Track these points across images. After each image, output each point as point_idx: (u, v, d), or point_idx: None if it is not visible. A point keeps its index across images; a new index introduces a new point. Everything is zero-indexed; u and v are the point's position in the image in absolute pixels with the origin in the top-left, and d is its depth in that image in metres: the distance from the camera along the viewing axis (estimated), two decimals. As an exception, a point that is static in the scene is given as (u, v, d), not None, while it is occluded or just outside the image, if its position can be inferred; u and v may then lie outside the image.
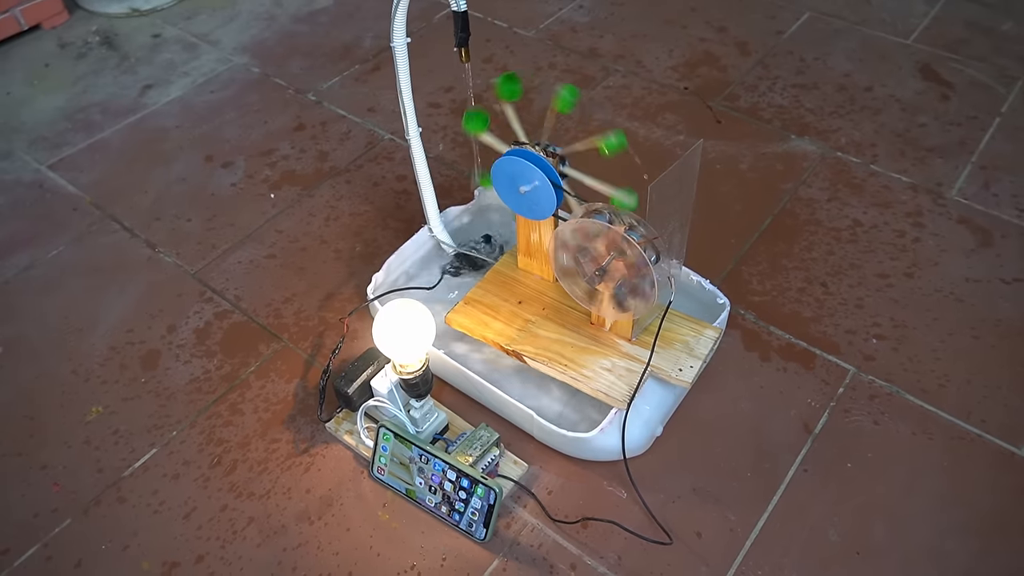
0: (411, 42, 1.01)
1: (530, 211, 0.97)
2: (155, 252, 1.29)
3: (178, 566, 0.93)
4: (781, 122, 1.48)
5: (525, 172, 0.92)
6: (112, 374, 1.12)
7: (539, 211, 0.96)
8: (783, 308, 1.17)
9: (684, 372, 0.95)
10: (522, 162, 0.92)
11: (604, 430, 0.93)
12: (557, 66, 1.64)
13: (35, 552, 0.94)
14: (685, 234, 0.98)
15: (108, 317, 1.20)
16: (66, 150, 1.49)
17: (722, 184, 1.37)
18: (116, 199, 1.39)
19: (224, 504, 0.98)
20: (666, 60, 1.64)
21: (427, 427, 0.99)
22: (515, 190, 0.96)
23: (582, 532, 0.94)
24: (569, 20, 1.77)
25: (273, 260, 1.27)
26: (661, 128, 1.48)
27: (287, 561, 0.93)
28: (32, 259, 1.29)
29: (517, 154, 0.93)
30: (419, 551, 0.93)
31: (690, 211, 0.96)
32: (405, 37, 1.01)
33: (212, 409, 1.07)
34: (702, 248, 1.25)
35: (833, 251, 1.25)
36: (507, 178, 0.95)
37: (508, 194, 0.97)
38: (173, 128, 1.53)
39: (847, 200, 1.33)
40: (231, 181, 1.41)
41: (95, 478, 1.01)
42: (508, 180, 0.95)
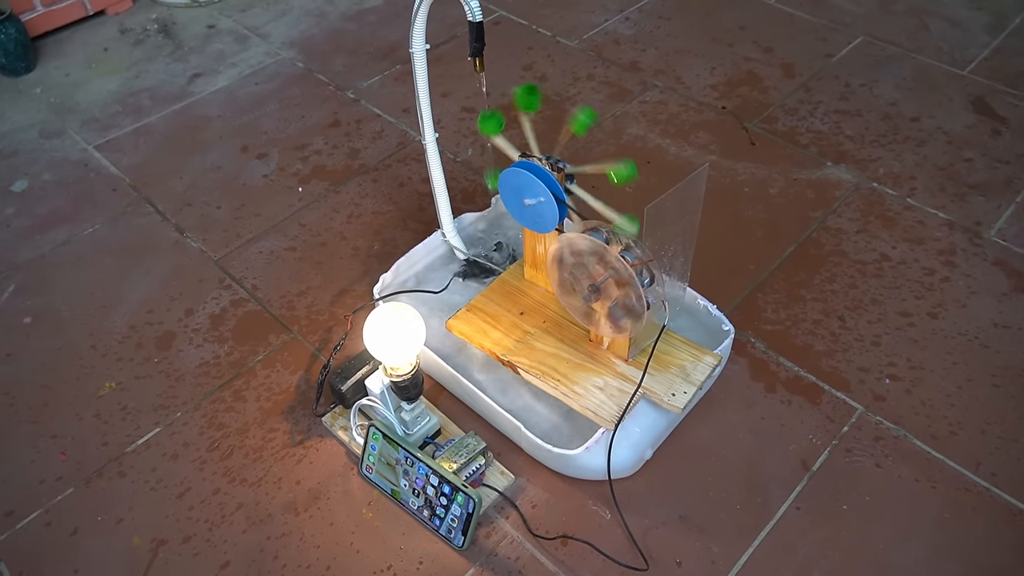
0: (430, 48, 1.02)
1: (534, 224, 0.97)
2: (183, 236, 1.34)
3: (166, 544, 0.95)
4: (818, 148, 1.45)
5: (530, 185, 0.92)
6: (128, 352, 1.16)
7: (542, 225, 0.95)
8: (795, 339, 1.14)
9: (677, 397, 0.94)
10: (527, 175, 0.92)
11: (590, 449, 0.92)
12: (596, 77, 1.63)
13: (36, 517, 0.99)
14: (689, 258, 0.97)
15: (131, 296, 1.24)
16: (113, 132, 1.55)
17: (748, 208, 1.34)
18: (153, 183, 1.44)
19: (217, 488, 1.00)
20: (707, 78, 1.62)
21: (418, 430, 1.00)
22: (520, 201, 0.96)
23: (561, 549, 0.93)
24: (614, 32, 1.76)
25: (293, 253, 1.30)
26: (693, 147, 1.46)
27: (269, 549, 0.95)
28: (69, 235, 1.35)
29: (524, 166, 0.93)
30: (398, 552, 0.94)
31: (694, 235, 0.94)
32: (424, 43, 1.02)
33: (217, 394, 1.11)
34: (718, 271, 1.23)
35: (856, 284, 1.21)
36: (513, 189, 0.95)
37: (513, 205, 0.97)
38: (215, 117, 1.58)
39: (877, 233, 1.29)
40: (263, 172, 1.45)
41: (100, 451, 1.05)
42: (514, 191, 0.95)
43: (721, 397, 1.08)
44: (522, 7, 1.84)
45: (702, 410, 1.06)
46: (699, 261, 1.24)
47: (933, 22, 1.74)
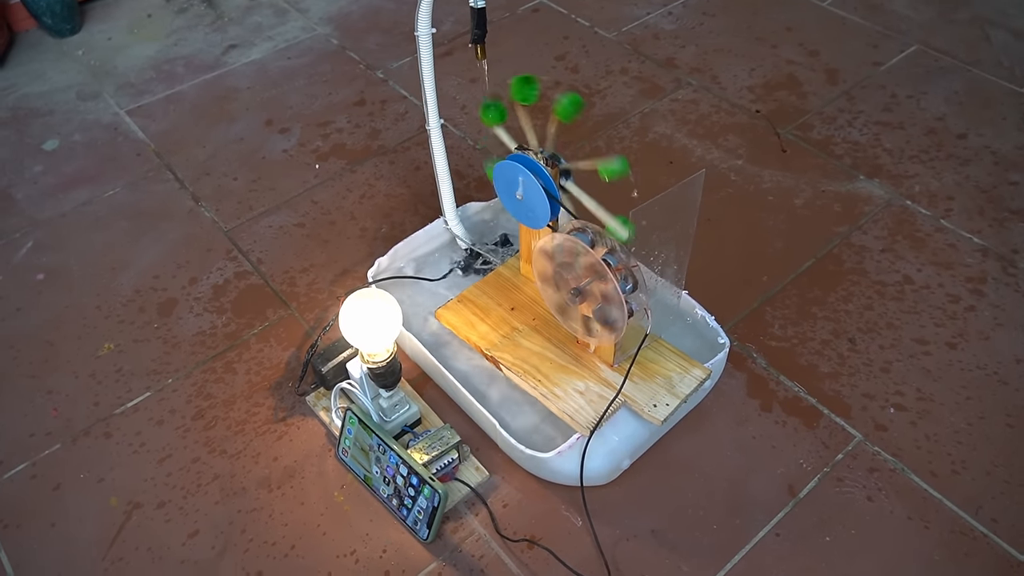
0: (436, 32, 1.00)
1: (526, 218, 0.95)
2: (197, 205, 1.35)
3: (141, 507, 0.97)
4: (852, 160, 1.38)
5: (519, 178, 0.90)
6: (131, 315, 1.18)
7: (534, 220, 0.93)
8: (800, 358, 1.10)
9: (658, 409, 0.91)
10: (518, 167, 0.90)
11: (562, 453, 0.90)
12: (629, 72, 1.59)
13: (23, 469, 1.01)
14: (684, 265, 0.93)
15: (141, 261, 1.26)
16: (146, 98, 1.58)
17: (770, 217, 1.29)
18: (176, 150, 1.46)
19: (196, 456, 1.02)
20: (744, 79, 1.56)
21: (396, 417, 0.99)
22: (514, 194, 0.93)
23: (526, 552, 0.92)
24: (654, 26, 1.71)
25: (301, 229, 1.30)
26: (720, 150, 1.41)
27: (238, 522, 0.95)
28: (91, 196, 1.38)
29: (518, 159, 0.91)
30: (363, 538, 0.93)
31: (689, 242, 0.91)
32: (430, 27, 1.00)
33: (209, 364, 1.12)
34: (728, 281, 1.19)
35: (872, 306, 1.15)
36: (506, 182, 0.93)
37: (507, 197, 0.95)
38: (244, 89, 1.59)
39: (903, 253, 1.22)
40: (283, 147, 1.45)
41: (90, 411, 1.07)
42: (507, 184, 0.93)
43: (713, 411, 1.04)
44: (564, -5, 1.81)
45: (691, 422, 1.02)
46: (710, 268, 1.20)
47: (996, 34, 1.65)
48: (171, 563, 0.92)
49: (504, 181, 0.94)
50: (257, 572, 0.91)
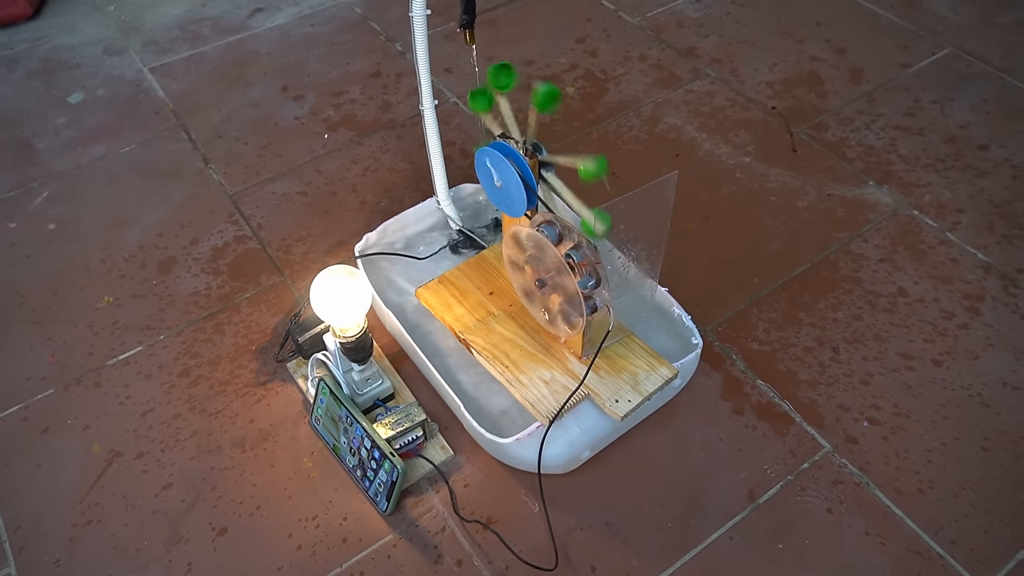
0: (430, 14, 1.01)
1: (505, 206, 0.95)
2: (207, 167, 1.38)
3: (121, 456, 1.01)
4: (864, 164, 1.35)
5: (497, 165, 0.90)
6: (132, 271, 1.23)
7: (512, 208, 0.94)
8: (780, 364, 1.09)
9: (620, 404, 0.91)
10: (497, 155, 0.90)
11: (521, 440, 0.91)
12: (647, 59, 1.57)
13: (15, 411, 1.06)
14: (657, 264, 0.93)
15: (147, 218, 1.30)
16: (169, 57, 1.61)
17: (770, 218, 1.27)
18: (192, 111, 1.49)
19: (178, 412, 1.06)
20: (765, 73, 1.53)
21: (367, 391, 1.01)
22: (493, 182, 0.94)
23: (481, 532, 0.94)
24: (680, 13, 1.68)
25: (303, 198, 1.33)
26: (729, 145, 1.39)
27: (210, 479, 0.99)
28: (107, 151, 1.42)
29: (497, 147, 0.91)
30: (326, 505, 0.97)
31: (662, 242, 0.90)
32: (425, 8, 1.00)
33: (200, 324, 1.15)
34: (718, 279, 1.18)
35: (861, 316, 1.14)
36: (486, 168, 0.94)
37: (488, 184, 0.96)
38: (265, 54, 1.61)
39: (902, 264, 1.20)
40: (296, 114, 1.47)
41: (84, 360, 1.12)
42: (487, 171, 0.94)
43: (684, 409, 1.04)
44: (592, -24, 1.78)
45: (660, 419, 1.03)
46: (701, 266, 1.20)
47: (1036, 41, 1.58)
48: (143, 512, 0.96)
49: (485, 168, 0.94)
50: (222, 528, 0.95)
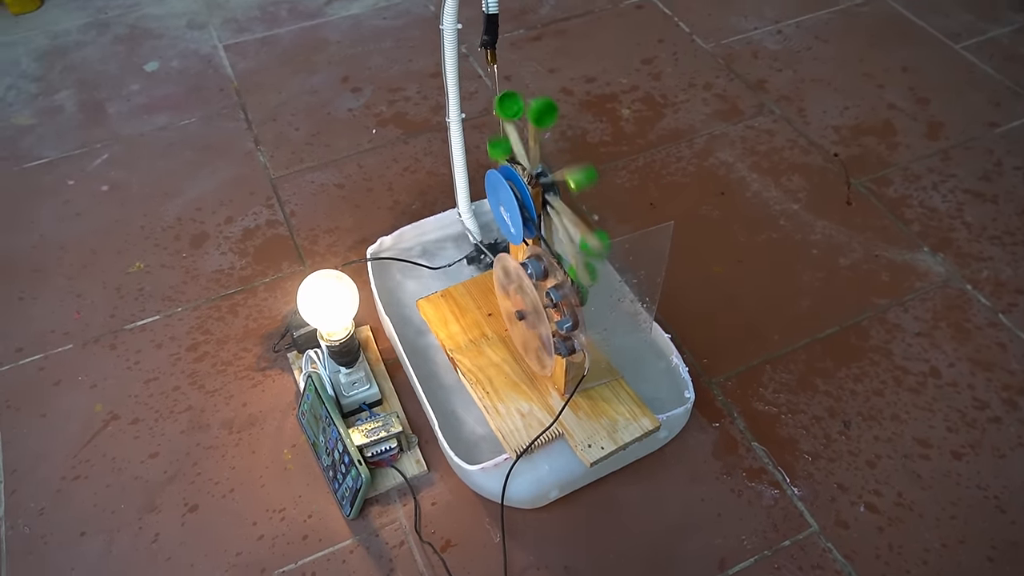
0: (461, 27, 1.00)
1: (507, 232, 0.93)
2: (256, 148, 1.42)
3: (118, 419, 1.06)
4: (922, 227, 1.26)
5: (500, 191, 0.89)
6: (166, 241, 1.27)
7: (512, 235, 0.92)
8: (782, 429, 1.03)
9: (591, 450, 0.89)
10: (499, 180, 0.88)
11: (486, 470, 0.90)
12: (712, 88, 1.51)
13: (35, 360, 1.13)
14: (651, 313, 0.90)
15: (190, 191, 1.35)
16: (244, 36, 1.66)
17: (807, 272, 1.21)
18: (254, 91, 1.53)
19: (178, 385, 1.09)
20: (834, 116, 1.45)
21: (353, 394, 1.02)
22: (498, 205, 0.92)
23: (434, 555, 0.93)
24: (757, 43, 1.61)
25: (339, 190, 1.34)
26: (780, 189, 1.33)
27: (194, 455, 1.02)
28: (168, 122, 1.48)
29: (504, 171, 0.90)
30: (295, 499, 0.98)
31: (656, 292, 0.87)
32: (456, 22, 0.99)
33: (218, 302, 1.19)
34: (737, 330, 1.13)
35: (883, 392, 1.06)
36: (493, 191, 0.92)
37: (494, 207, 0.94)
38: (334, 42, 1.64)
39: (940, 342, 1.11)
40: (350, 106, 1.50)
41: (106, 321, 1.17)
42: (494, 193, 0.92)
43: (670, 462, 1.00)
44: (674, -5, 1.73)
45: (644, 468, 0.99)
46: (722, 313, 1.15)
47: None
48: (126, 476, 1.00)
49: (492, 190, 0.93)
50: (194, 505, 0.98)
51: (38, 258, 1.25)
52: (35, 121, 1.49)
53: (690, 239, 1.25)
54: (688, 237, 1.25)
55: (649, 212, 1.29)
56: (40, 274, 1.23)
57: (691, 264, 1.22)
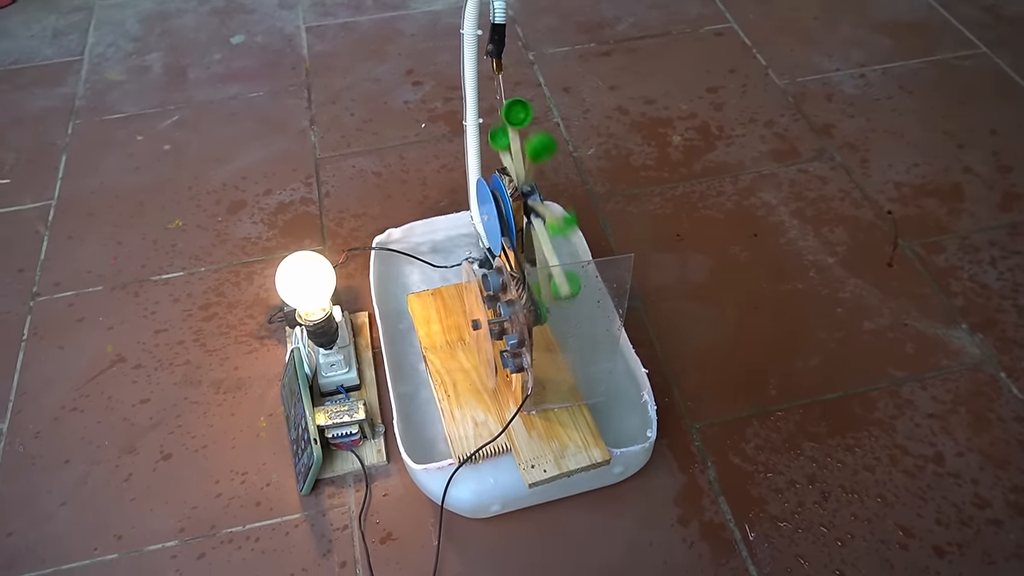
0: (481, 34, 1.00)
1: (489, 237, 0.94)
2: (309, 127, 1.48)
3: (123, 362, 1.13)
4: (965, 303, 1.17)
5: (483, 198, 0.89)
6: (207, 204, 1.35)
7: (492, 242, 0.92)
8: (753, 488, 0.98)
9: (534, 471, 0.87)
10: (484, 188, 0.89)
11: (428, 470, 0.90)
12: (773, 126, 1.45)
13: (67, 296, 1.22)
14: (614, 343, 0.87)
15: (241, 160, 1.42)
16: (327, 20, 1.73)
17: (824, 330, 1.14)
18: (322, 73, 1.59)
19: (182, 340, 1.16)
20: (899, 172, 1.36)
21: (331, 376, 1.05)
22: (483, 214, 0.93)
23: (373, 544, 0.94)
24: (834, 85, 1.53)
25: (377, 178, 1.38)
26: (818, 239, 1.26)
27: (179, 407, 1.08)
28: (238, 92, 1.56)
29: (494, 180, 0.90)
30: (258, 466, 1.02)
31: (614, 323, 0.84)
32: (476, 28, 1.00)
33: (237, 267, 1.25)
34: (733, 377, 1.09)
35: (874, 469, 1.00)
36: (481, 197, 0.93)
37: (481, 214, 0.94)
38: (408, 35, 1.68)
39: (953, 428, 1.03)
40: (407, 99, 1.53)
41: (136, 271, 1.25)
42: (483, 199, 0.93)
43: (628, 500, 0.97)
44: (759, 26, 1.67)
45: (598, 499, 0.97)
46: (722, 357, 1.11)
47: None
48: (116, 417, 1.07)
49: (480, 199, 0.93)
50: (168, 454, 1.03)
51: (94, 203, 1.35)
52: (124, 78, 1.61)
53: (709, 276, 1.21)
54: (707, 274, 1.21)
55: (674, 243, 1.26)
56: (92, 218, 1.33)
57: (703, 301, 1.18)
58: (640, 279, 1.20)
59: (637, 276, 1.21)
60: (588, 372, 0.92)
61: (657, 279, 1.21)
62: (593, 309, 0.85)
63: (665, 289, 1.19)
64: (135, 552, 0.94)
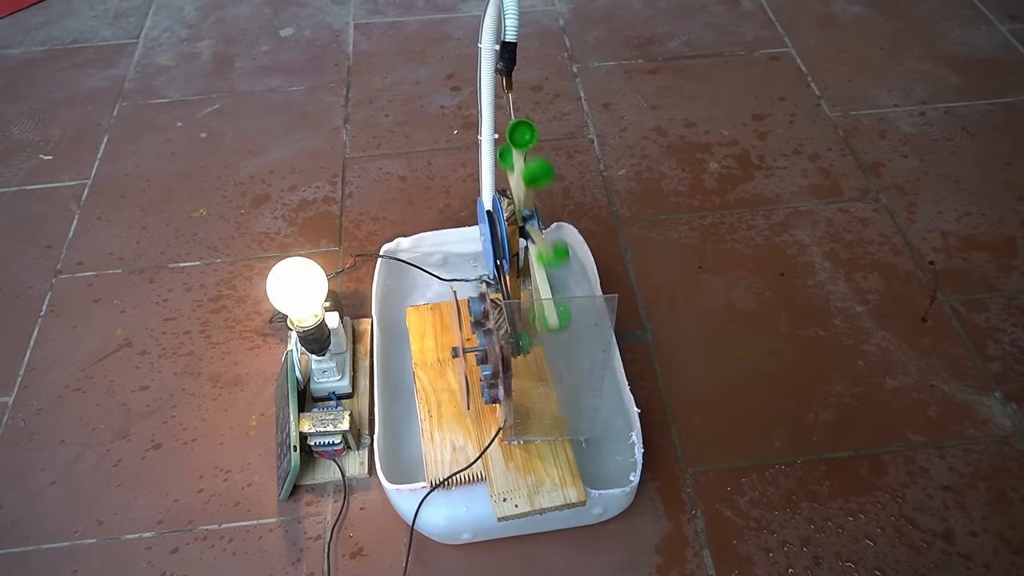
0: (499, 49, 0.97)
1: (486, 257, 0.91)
2: (343, 125, 1.48)
3: (129, 347, 1.15)
4: (1002, 368, 1.09)
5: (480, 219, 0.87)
6: (234, 196, 1.36)
7: (488, 264, 0.89)
8: (742, 545, 0.93)
9: (505, 504, 0.85)
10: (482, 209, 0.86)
11: (401, 491, 0.88)
12: (818, 160, 1.38)
13: (87, 276, 1.24)
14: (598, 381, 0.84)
15: (271, 154, 1.43)
16: (376, 18, 1.73)
17: (842, 383, 1.08)
18: (363, 72, 1.59)
19: (189, 330, 1.17)
20: (947, 221, 1.28)
21: (323, 382, 1.04)
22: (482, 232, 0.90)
23: (343, 558, 0.93)
24: (890, 122, 1.45)
25: (401, 182, 1.37)
26: (849, 285, 1.19)
27: (175, 398, 1.09)
28: (279, 85, 1.57)
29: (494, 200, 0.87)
30: (243, 465, 1.02)
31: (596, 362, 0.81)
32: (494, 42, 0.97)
33: (251, 262, 1.25)
34: (737, 424, 1.04)
35: (876, 539, 0.93)
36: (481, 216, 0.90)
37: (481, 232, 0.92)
38: (455, 39, 1.67)
39: (970, 506, 0.96)
40: (443, 103, 1.52)
41: (155, 258, 1.27)
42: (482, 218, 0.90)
43: (608, 542, 0.94)
44: (819, 53, 1.60)
45: (576, 538, 0.94)
46: (728, 401, 1.06)
47: None
48: (115, 401, 1.09)
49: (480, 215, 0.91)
50: (158, 443, 1.04)
51: (126, 186, 1.38)
52: (173, 63, 1.64)
53: (726, 314, 1.15)
54: (724, 311, 1.16)
55: (693, 275, 1.21)
56: (122, 201, 1.36)
57: (716, 340, 1.12)
58: (652, 310, 1.16)
59: (648, 307, 1.16)
60: (575, 408, 0.89)
61: (670, 312, 1.16)
62: (582, 344, 0.82)
63: (677, 323, 1.15)
64: (112, 540, 0.96)
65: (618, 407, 0.98)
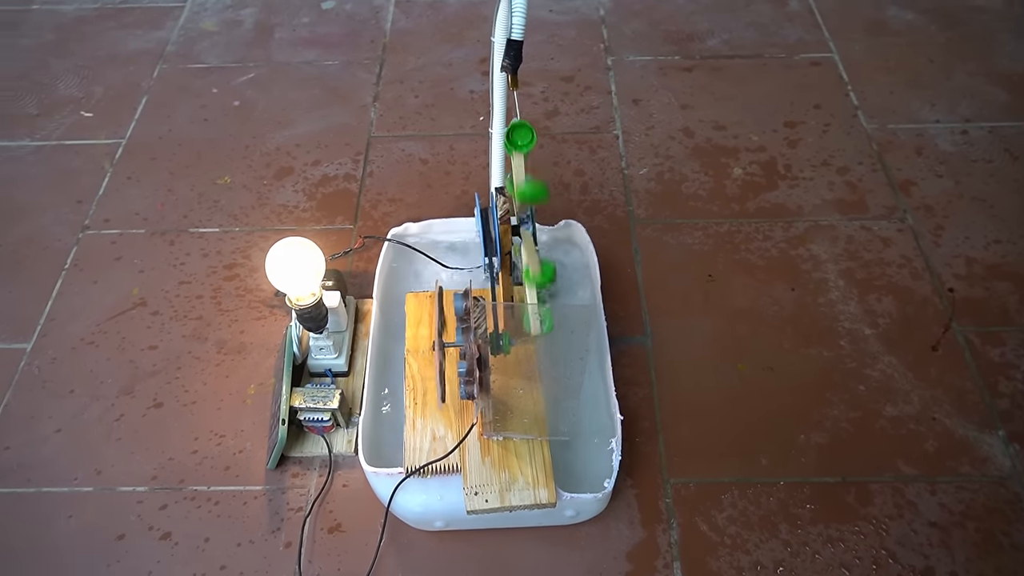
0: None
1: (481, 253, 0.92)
2: (372, 104, 1.49)
3: (144, 307, 1.19)
4: (1010, 406, 1.05)
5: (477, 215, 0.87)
6: (259, 166, 1.39)
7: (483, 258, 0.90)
8: (714, 561, 0.93)
9: (476, 498, 0.86)
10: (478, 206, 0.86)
11: (378, 475, 0.90)
12: (847, 173, 1.34)
13: (111, 234, 1.28)
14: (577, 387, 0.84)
15: (299, 127, 1.45)
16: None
17: (839, 407, 1.06)
18: (399, 50, 1.60)
19: (201, 295, 1.20)
20: (975, 247, 1.23)
21: (320, 359, 1.06)
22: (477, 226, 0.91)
23: (321, 531, 0.96)
24: (929, 138, 1.40)
25: (422, 165, 1.38)
26: (861, 307, 1.16)
27: (181, 360, 1.12)
28: (315, 58, 1.59)
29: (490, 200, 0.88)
30: (236, 432, 1.05)
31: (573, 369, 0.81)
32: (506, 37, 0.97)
33: (267, 232, 1.28)
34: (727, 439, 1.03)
35: (851, 568, 0.92)
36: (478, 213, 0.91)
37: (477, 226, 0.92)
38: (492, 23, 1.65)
39: (955, 545, 0.94)
40: (473, 88, 1.52)
41: (177, 221, 1.30)
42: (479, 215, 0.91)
43: (580, 544, 0.94)
44: (863, 61, 1.55)
45: (550, 537, 0.95)
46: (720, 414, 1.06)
47: None
48: (125, 358, 1.13)
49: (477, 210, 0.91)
50: (160, 402, 1.08)
51: (158, 149, 1.42)
52: (216, 30, 1.67)
53: (729, 325, 1.14)
54: (728, 322, 1.14)
55: (703, 283, 1.20)
56: (153, 163, 1.40)
57: (715, 351, 1.11)
58: (655, 315, 1.15)
59: (652, 311, 1.15)
60: (556, 409, 0.90)
61: (673, 319, 1.15)
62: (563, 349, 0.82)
63: (679, 330, 1.14)
64: (108, 490, 1.00)
65: (602, 411, 0.98)
